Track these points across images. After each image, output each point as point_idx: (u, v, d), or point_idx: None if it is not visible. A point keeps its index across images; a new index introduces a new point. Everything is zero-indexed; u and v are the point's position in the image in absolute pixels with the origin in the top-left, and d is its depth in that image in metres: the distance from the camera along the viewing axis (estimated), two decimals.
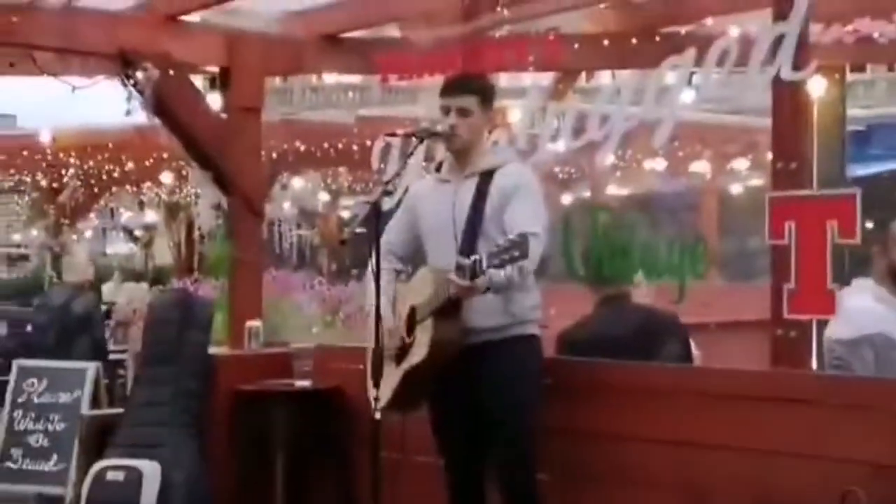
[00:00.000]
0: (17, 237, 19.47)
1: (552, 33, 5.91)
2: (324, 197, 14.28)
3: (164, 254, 16.79)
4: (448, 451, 3.98)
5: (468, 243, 3.79)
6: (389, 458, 3.84)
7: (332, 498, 4.93)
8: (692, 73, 4.13)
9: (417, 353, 3.73)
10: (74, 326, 9.49)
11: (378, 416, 3.77)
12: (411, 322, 3.79)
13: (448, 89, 3.97)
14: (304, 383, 4.98)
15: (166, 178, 13.52)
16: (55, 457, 8.87)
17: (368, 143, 10.43)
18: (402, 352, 3.80)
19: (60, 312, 9.55)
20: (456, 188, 3.92)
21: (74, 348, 9.35)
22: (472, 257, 3.57)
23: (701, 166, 13.88)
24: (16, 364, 9.38)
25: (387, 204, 4.17)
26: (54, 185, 13.87)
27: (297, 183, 12.97)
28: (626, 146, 4.29)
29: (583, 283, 4.26)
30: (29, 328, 9.70)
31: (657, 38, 6.03)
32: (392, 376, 3.80)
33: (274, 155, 9.35)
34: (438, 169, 4.12)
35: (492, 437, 3.86)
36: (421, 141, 4.12)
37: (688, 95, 4.33)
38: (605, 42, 6.24)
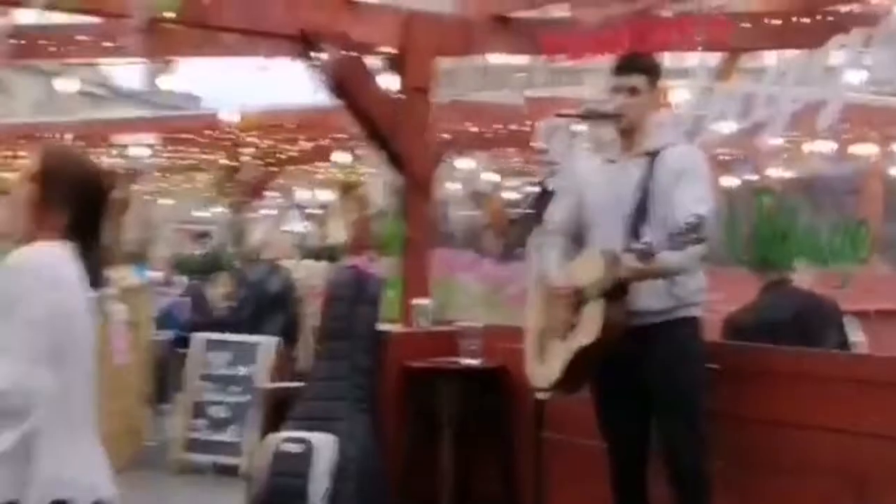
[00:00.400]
0: (199, 214, 20.17)
1: (719, 12, 5.81)
2: (491, 178, 14.34)
3: (338, 232, 17.15)
4: (612, 433, 4.00)
5: (635, 224, 3.79)
6: (552, 439, 3.89)
7: (496, 475, 5.00)
8: (859, 54, 4.03)
9: (586, 334, 3.73)
10: (269, 303, 9.79)
11: (541, 396, 3.82)
12: (579, 301, 3.80)
13: (620, 68, 3.97)
14: (471, 362, 5.06)
15: (342, 157, 13.77)
16: (235, 428, 9.23)
17: (536, 124, 10.44)
18: (569, 331, 3.82)
19: (257, 289, 9.86)
20: (623, 169, 3.92)
21: (268, 325, 9.66)
22: (645, 240, 3.56)
23: (866, 149, 13.39)
24: (200, 337, 9.78)
25: (553, 185, 4.19)
26: (235, 163, 14.28)
27: (466, 164, 13.06)
28: (791, 128, 4.19)
29: (746, 267, 4.22)
30: (227, 303, 10.01)
31: (821, 17, 5.88)
32: (558, 355, 3.83)
33: (444, 136, 9.45)
34: (604, 150, 4.13)
35: (658, 421, 3.87)
36: (588, 121, 4.14)
37: (854, 76, 4.23)
38: (770, 21, 6.12)
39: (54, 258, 2.88)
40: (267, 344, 9.41)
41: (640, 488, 3.96)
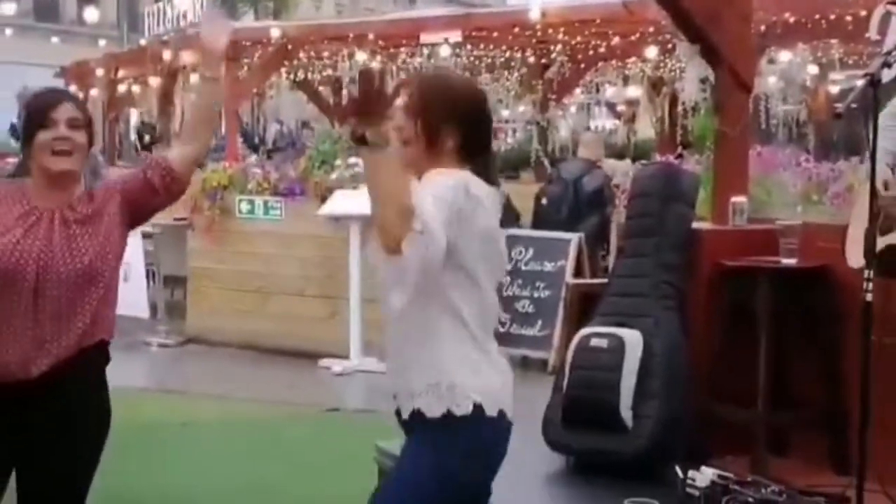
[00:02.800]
0: (505, 113, 20.32)
1: None
2: (812, 70, 13.67)
3: (646, 129, 16.87)
4: None
5: None
6: (878, 342, 3.69)
7: (816, 379, 4.82)
8: None
9: None
10: (586, 203, 9.78)
11: (869, 297, 3.62)
12: None
13: None
14: (789, 261, 4.86)
15: (651, 52, 13.47)
16: (540, 322, 9.36)
17: (863, 13, 9.80)
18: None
19: (574, 187, 9.86)
20: None
21: (584, 224, 9.65)
22: None
23: None
24: (504, 233, 9.89)
25: (886, 76, 3.91)
26: (542, 61, 14.23)
27: (785, 56, 12.49)
28: None
29: None
30: (544, 201, 10.06)
31: None
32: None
33: (762, 27, 9.03)
34: None
35: None
36: None
37: None
38: None
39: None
40: (572, 240, 9.43)
41: None
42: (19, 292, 3.36)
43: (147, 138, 18.39)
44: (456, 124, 2.93)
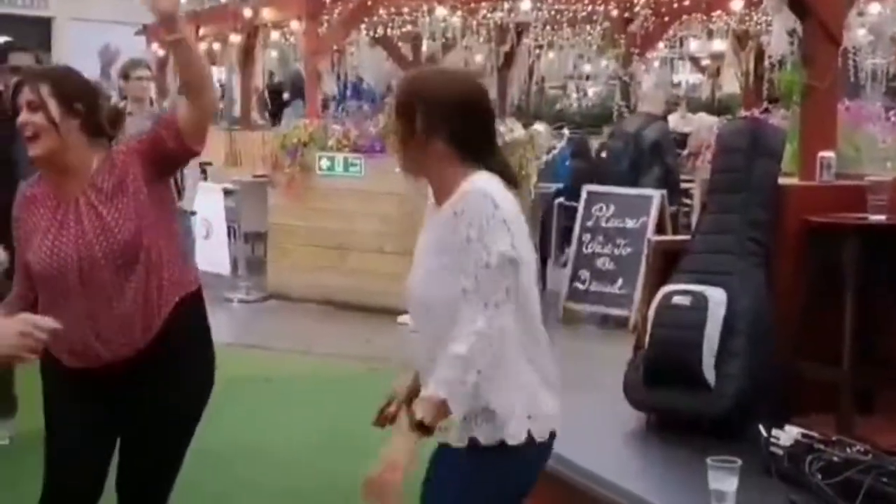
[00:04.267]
0: (587, 68, 20.13)
1: None
2: None
3: (731, 83, 16.61)
4: None
5: None
6: None
7: None
8: None
9: None
10: (647, 154, 9.73)
11: None
12: None
13: None
14: (878, 217, 4.74)
15: (737, 4, 13.24)
16: (621, 280, 9.31)
17: None
18: None
19: (634, 140, 9.81)
20: None
21: (646, 176, 9.60)
22: None
23: None
24: (586, 189, 9.84)
25: None
26: (625, 14, 14.05)
27: (875, 8, 12.19)
28: None
29: None
30: (604, 154, 10.05)
31: None
32: None
33: None
34: None
35: None
36: None
37: None
38: None
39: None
40: (654, 197, 9.34)
41: None
42: (68, 287, 3.34)
43: (271, 103, 18.06)
44: (445, 121, 2.85)
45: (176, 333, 3.41)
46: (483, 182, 2.84)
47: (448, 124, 2.86)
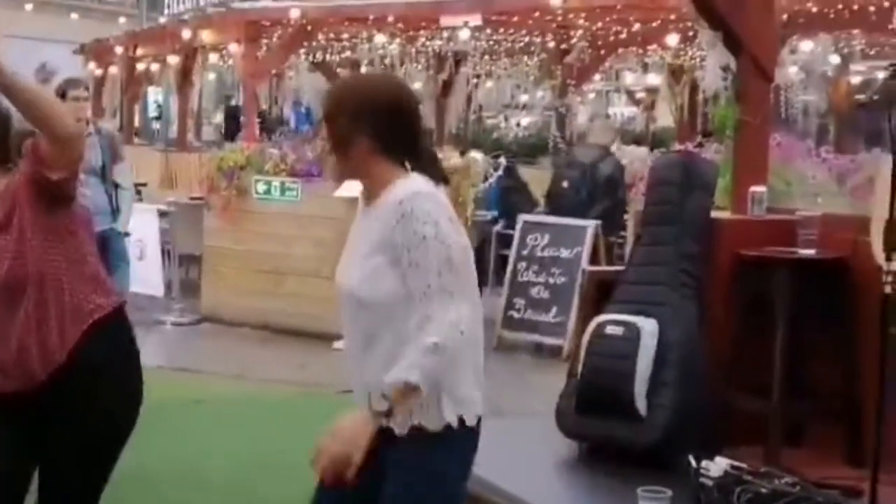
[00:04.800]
0: (523, 98, 20.29)
1: None
2: (834, 61, 13.61)
3: (666, 116, 16.82)
4: None
5: None
6: None
7: (833, 371, 4.80)
8: None
9: None
10: (600, 187, 9.80)
11: (889, 290, 3.60)
12: None
13: None
14: (808, 252, 4.83)
15: (672, 39, 13.42)
16: (555, 309, 9.36)
17: (886, 3, 9.72)
18: None
19: (590, 171, 9.87)
20: None
21: (593, 208, 9.67)
22: None
23: None
24: (521, 218, 9.89)
25: None
26: (562, 46, 14.19)
27: (807, 46, 12.44)
28: None
29: None
30: (565, 184, 10.07)
31: None
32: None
33: (784, 17, 8.98)
34: None
35: None
36: None
37: None
38: None
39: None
40: (589, 227, 9.41)
41: None
42: None
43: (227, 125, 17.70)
44: (365, 123, 2.92)
45: (89, 357, 3.36)
46: (421, 183, 2.92)
47: (371, 123, 2.92)
